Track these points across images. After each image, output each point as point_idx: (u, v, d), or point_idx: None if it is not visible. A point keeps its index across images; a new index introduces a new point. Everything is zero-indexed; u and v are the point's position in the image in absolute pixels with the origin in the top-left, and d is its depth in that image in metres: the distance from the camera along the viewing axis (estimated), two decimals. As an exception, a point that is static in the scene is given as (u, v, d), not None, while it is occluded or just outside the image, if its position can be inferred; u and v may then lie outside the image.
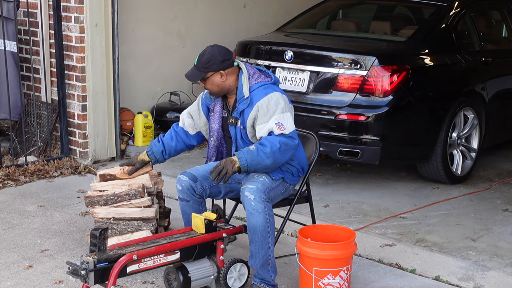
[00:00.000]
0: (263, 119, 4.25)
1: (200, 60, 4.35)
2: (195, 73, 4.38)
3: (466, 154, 6.82)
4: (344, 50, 6.43)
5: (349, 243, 4.26)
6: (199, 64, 4.34)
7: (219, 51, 4.36)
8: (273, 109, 4.23)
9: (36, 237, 5.26)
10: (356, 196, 6.33)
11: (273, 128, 4.22)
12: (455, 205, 6.13)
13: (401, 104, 6.22)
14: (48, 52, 7.14)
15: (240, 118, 4.37)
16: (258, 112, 4.26)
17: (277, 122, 4.22)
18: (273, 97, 4.26)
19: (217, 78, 4.35)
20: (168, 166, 7.13)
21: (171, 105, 7.96)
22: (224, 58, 4.35)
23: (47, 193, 6.26)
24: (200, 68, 4.34)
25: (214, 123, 4.54)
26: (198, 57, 4.36)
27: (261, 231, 4.20)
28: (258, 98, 4.28)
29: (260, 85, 4.34)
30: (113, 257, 3.88)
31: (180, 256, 4.15)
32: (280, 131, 4.21)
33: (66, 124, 7.03)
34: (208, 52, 4.35)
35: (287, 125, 4.24)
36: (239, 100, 4.36)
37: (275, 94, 4.28)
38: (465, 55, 6.82)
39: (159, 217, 5.17)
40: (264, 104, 4.25)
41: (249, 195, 4.18)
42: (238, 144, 4.43)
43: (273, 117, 4.23)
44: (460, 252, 5.08)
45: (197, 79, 4.37)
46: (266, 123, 4.24)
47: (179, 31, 8.24)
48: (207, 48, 4.39)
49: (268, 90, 4.31)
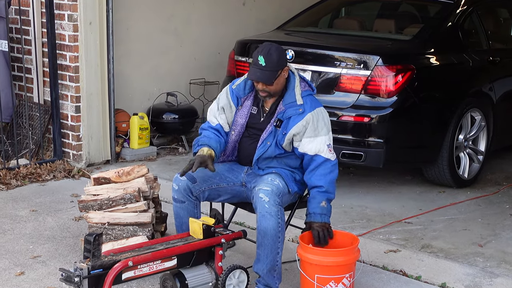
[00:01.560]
0: (311, 133, 4.34)
1: (269, 60, 4.27)
2: (267, 74, 4.29)
3: (473, 157, 6.82)
4: (347, 49, 6.43)
5: (352, 249, 4.26)
6: (270, 64, 4.28)
7: (281, 48, 4.38)
8: (321, 126, 4.35)
9: (28, 243, 5.26)
10: (359, 200, 6.33)
11: (323, 150, 4.34)
12: (461, 210, 6.13)
13: (406, 105, 6.23)
14: (41, 51, 7.15)
15: (284, 122, 4.39)
16: (307, 124, 4.33)
17: (329, 143, 4.37)
18: (323, 113, 4.40)
19: (282, 76, 4.37)
20: (164, 169, 7.15)
21: (168, 106, 7.97)
22: (286, 56, 4.43)
23: (40, 197, 6.26)
24: (272, 68, 4.28)
25: (240, 117, 4.52)
26: (264, 57, 4.27)
27: (272, 235, 4.22)
28: (309, 109, 4.35)
29: (308, 94, 4.41)
30: (108, 264, 3.88)
31: (177, 262, 4.16)
32: (330, 154, 4.36)
33: (59, 125, 7.03)
34: (274, 49, 4.31)
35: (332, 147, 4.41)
36: (288, 104, 4.37)
37: (322, 110, 4.41)
38: (472, 55, 6.83)
39: (156, 222, 5.18)
40: (315, 119, 4.34)
41: (263, 197, 4.20)
42: (270, 147, 4.42)
43: (321, 135, 4.34)
44: (467, 258, 5.09)
45: (272, 80, 4.29)
46: (314, 138, 4.34)
47: (176, 30, 8.25)
48: (268, 46, 4.33)
49: (317, 104, 4.41)
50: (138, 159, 7.48)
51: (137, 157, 7.49)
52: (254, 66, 4.32)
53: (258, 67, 4.30)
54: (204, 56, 8.48)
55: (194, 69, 8.39)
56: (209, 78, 8.36)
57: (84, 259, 3.89)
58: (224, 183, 4.55)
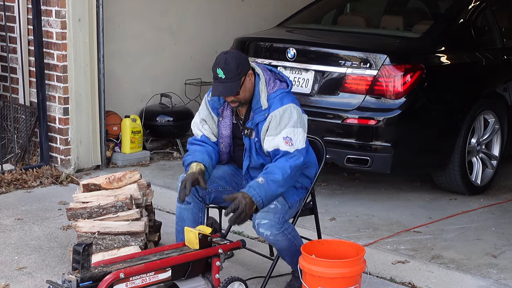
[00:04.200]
0: (273, 131, 4.32)
1: (228, 70, 4.27)
2: (229, 86, 4.30)
3: (486, 162, 6.83)
4: (352, 47, 6.45)
5: (358, 260, 4.27)
6: (230, 74, 4.27)
7: (238, 53, 4.41)
8: (285, 122, 4.31)
9: (13, 253, 5.27)
10: (365, 208, 6.34)
11: (279, 144, 4.29)
12: (474, 218, 6.14)
13: (415, 107, 6.24)
14: (27, 49, 7.16)
15: (255, 129, 4.42)
16: (270, 123, 4.33)
17: (286, 136, 4.29)
18: (287, 109, 4.34)
19: (248, 81, 4.36)
20: (158, 175, 7.16)
21: (161, 108, 7.98)
22: (246, 59, 4.40)
23: (25, 205, 6.27)
24: (233, 78, 4.28)
25: (224, 129, 4.56)
26: (222, 69, 4.27)
27: (289, 249, 4.43)
28: (273, 109, 4.35)
29: (278, 94, 4.38)
30: (98, 275, 3.89)
31: (172, 274, 4.16)
32: (286, 146, 4.28)
33: (46, 129, 7.04)
34: (230, 58, 4.30)
35: (296, 140, 4.30)
36: (256, 110, 4.40)
37: (290, 106, 4.35)
38: (485, 53, 6.85)
39: (149, 231, 5.19)
40: (278, 116, 4.32)
41: (264, 232, 4.30)
42: (251, 157, 4.48)
43: (283, 130, 4.30)
44: (480, 269, 5.09)
45: (236, 90, 4.29)
46: (275, 136, 4.31)
47: (170, 27, 8.26)
48: (223, 56, 4.32)
49: (284, 101, 4.36)
50: (130, 164, 7.48)
51: (129, 162, 7.50)
52: (215, 81, 4.34)
53: (219, 81, 4.31)
54: (200, 55, 8.49)
55: (190, 68, 8.40)
56: (205, 78, 8.36)
57: (72, 270, 3.89)
58: (229, 186, 4.64)
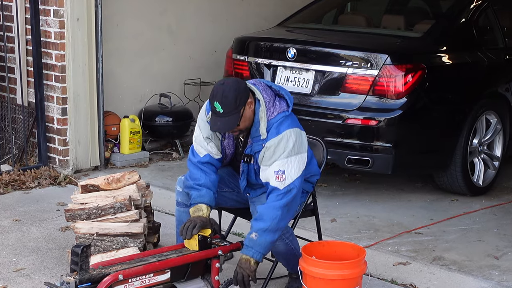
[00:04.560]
0: (266, 161, 4.23)
1: (226, 104, 4.12)
2: (227, 121, 4.16)
3: (488, 163, 6.84)
4: (353, 47, 6.45)
5: (359, 261, 4.27)
6: (227, 108, 4.12)
7: (235, 82, 4.21)
8: (279, 153, 4.19)
9: (11, 255, 5.27)
10: (366, 209, 6.34)
11: (270, 178, 4.20)
12: (476, 219, 6.14)
13: (416, 107, 6.24)
14: (24, 49, 7.16)
15: (253, 156, 4.35)
16: (264, 153, 4.24)
17: (278, 170, 4.18)
18: (283, 138, 4.19)
19: (247, 111, 4.21)
20: (157, 176, 7.16)
21: (161, 108, 7.98)
22: (244, 87, 4.21)
23: (23, 206, 6.27)
24: (232, 111, 4.14)
25: (228, 148, 4.47)
26: (220, 102, 4.12)
27: (286, 253, 4.46)
28: (269, 138, 4.23)
29: (277, 121, 4.23)
30: (97, 277, 3.89)
31: (171, 276, 4.16)
32: (277, 182, 4.17)
33: (44, 129, 7.04)
34: (228, 90, 4.14)
35: (290, 173, 4.19)
36: (254, 138, 4.30)
37: (286, 134, 4.20)
38: (487, 53, 6.85)
39: (148, 233, 5.18)
40: (272, 146, 4.20)
41: None
42: (250, 179, 4.44)
43: (276, 162, 4.19)
44: (481, 271, 5.09)
45: (235, 125, 4.17)
46: (267, 168, 4.22)
47: (169, 26, 8.26)
48: (221, 88, 4.16)
49: (280, 128, 4.21)
50: (129, 165, 7.48)
51: (128, 163, 7.50)
52: (213, 114, 4.21)
53: (217, 115, 4.17)
54: (200, 54, 8.49)
55: (189, 68, 8.40)
56: (205, 78, 8.37)
57: (71, 272, 3.89)
58: (228, 189, 4.62)
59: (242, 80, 4.30)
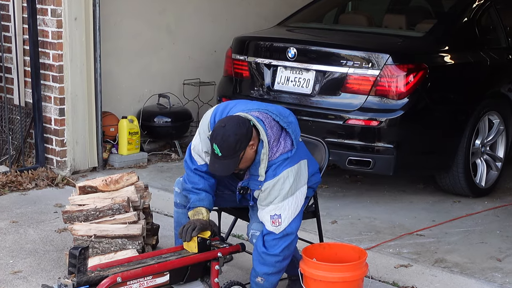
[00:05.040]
0: (262, 202, 4.19)
1: (224, 148, 4.03)
2: (226, 164, 4.09)
3: (491, 164, 6.84)
4: (354, 47, 6.45)
5: (360, 263, 4.27)
6: (226, 152, 4.04)
7: (238, 125, 4.06)
8: (274, 195, 4.13)
9: (8, 257, 5.27)
10: (367, 211, 6.34)
11: (265, 222, 4.17)
12: (478, 221, 6.14)
13: (418, 107, 6.24)
14: (22, 49, 7.16)
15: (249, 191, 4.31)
16: (260, 194, 4.20)
17: (273, 214, 4.13)
18: (280, 180, 4.12)
19: (249, 152, 4.12)
20: (156, 177, 7.16)
21: (159, 108, 7.98)
22: (247, 129, 4.08)
23: (20, 208, 6.27)
24: (231, 156, 4.06)
25: None
26: (218, 145, 4.03)
27: None
28: (266, 180, 4.16)
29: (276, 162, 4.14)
30: (95, 280, 3.89)
31: (170, 278, 4.17)
32: (272, 227, 4.14)
33: (41, 130, 7.04)
34: (228, 133, 4.02)
35: (286, 215, 4.14)
36: (252, 176, 4.24)
37: (283, 175, 4.12)
38: (490, 53, 6.85)
39: (146, 235, 5.18)
40: (268, 189, 4.14)
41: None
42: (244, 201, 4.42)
43: (271, 205, 4.14)
44: (484, 273, 5.09)
45: (232, 169, 4.13)
46: (264, 208, 4.18)
47: (168, 26, 8.26)
48: (221, 130, 4.05)
49: (278, 171, 4.13)
50: (128, 166, 7.48)
51: (126, 164, 7.50)
52: (212, 155, 4.14)
53: (215, 157, 4.10)
54: (199, 54, 8.49)
55: (188, 68, 8.40)
56: (204, 78, 8.37)
57: (68, 274, 3.89)
58: (228, 191, 4.61)
59: (246, 121, 4.11)
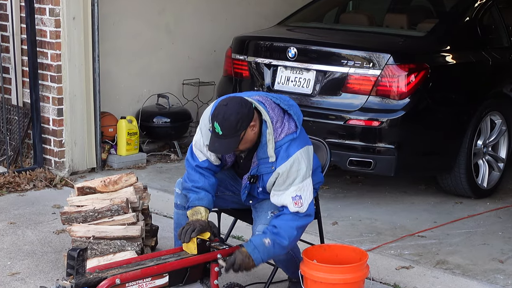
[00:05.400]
0: (280, 187, 4.20)
1: (225, 126, 4.04)
2: (226, 143, 4.10)
3: (493, 165, 6.84)
4: (354, 46, 6.46)
5: (361, 265, 4.27)
6: (227, 131, 4.05)
7: (239, 105, 4.10)
8: (293, 177, 4.16)
9: (5, 259, 5.27)
10: (368, 212, 6.34)
11: (288, 204, 4.19)
12: (480, 222, 6.15)
13: (420, 107, 6.25)
14: (20, 48, 7.16)
15: (259, 178, 4.32)
16: (277, 179, 4.20)
17: (295, 195, 4.17)
18: (295, 162, 4.16)
19: (249, 133, 4.14)
20: (155, 178, 7.17)
21: (158, 109, 7.98)
22: (249, 109, 4.11)
23: (18, 209, 6.27)
24: (231, 135, 4.08)
25: (229, 157, 4.47)
26: (220, 124, 4.05)
27: (286, 259, 4.45)
28: (279, 163, 4.18)
29: (285, 143, 4.18)
30: (93, 281, 3.89)
31: (169, 280, 4.16)
32: (296, 208, 4.17)
33: (39, 130, 7.04)
34: (229, 112, 4.05)
35: (306, 197, 4.19)
36: (261, 160, 4.25)
37: (297, 156, 4.17)
38: (492, 53, 6.85)
39: (145, 236, 5.19)
40: (285, 171, 4.16)
41: None
42: (252, 196, 4.44)
43: (291, 187, 4.17)
44: (486, 275, 5.10)
45: (233, 148, 4.14)
46: (283, 192, 4.20)
47: (167, 25, 8.26)
48: (223, 108, 4.08)
49: (290, 151, 4.17)
50: (126, 166, 7.48)
51: (125, 164, 7.50)
52: (212, 134, 4.15)
53: (215, 136, 4.11)
54: (199, 54, 8.49)
55: (188, 68, 8.40)
56: (204, 78, 8.37)
57: (67, 276, 3.89)
58: (229, 192, 4.62)
59: (248, 101, 4.15)
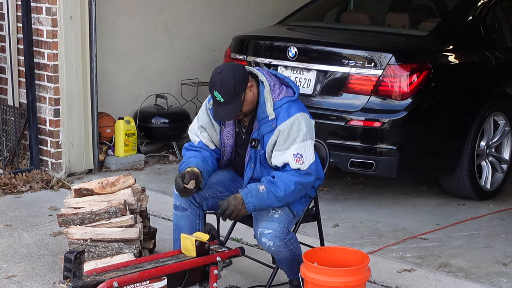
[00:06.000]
0: (281, 146, 4.30)
1: (225, 92, 4.24)
2: (229, 109, 4.29)
3: (496, 166, 6.84)
4: (356, 46, 6.46)
5: (362, 268, 4.27)
6: (228, 96, 4.24)
7: (233, 68, 4.31)
8: (294, 136, 4.29)
9: (1, 261, 5.27)
10: (369, 214, 6.34)
11: (289, 161, 4.28)
12: (483, 225, 6.15)
13: (422, 108, 6.25)
14: (16, 48, 7.16)
15: (261, 140, 4.40)
16: (278, 137, 4.31)
17: (296, 153, 4.28)
18: (296, 121, 4.30)
19: (249, 94, 4.32)
20: (153, 179, 7.17)
21: (157, 109, 7.98)
22: (243, 71, 4.32)
23: (15, 211, 6.27)
24: (232, 99, 4.26)
25: (227, 138, 4.55)
26: (219, 91, 4.24)
27: (290, 259, 4.46)
28: (280, 121, 4.31)
29: (284, 103, 4.34)
30: (91, 284, 3.89)
31: (168, 283, 4.16)
32: (297, 165, 4.27)
33: (36, 131, 7.04)
34: (226, 78, 4.24)
35: (307, 156, 4.30)
36: (261, 120, 4.37)
37: (298, 117, 4.32)
38: (495, 52, 6.85)
39: (143, 239, 5.19)
40: (286, 130, 4.29)
41: (267, 242, 4.33)
42: (255, 169, 4.48)
43: (293, 145, 4.28)
44: (489, 278, 5.09)
45: (237, 111, 4.30)
46: (284, 152, 4.29)
47: (166, 25, 8.27)
48: (219, 76, 4.26)
49: (290, 111, 4.32)
50: (124, 168, 7.48)
51: (122, 166, 7.50)
52: (214, 104, 4.33)
53: (218, 104, 4.30)
54: (198, 54, 8.50)
55: (186, 68, 8.41)
56: (202, 78, 8.36)
57: (64, 279, 3.89)
58: (228, 192, 4.62)
59: (240, 65, 4.40)
